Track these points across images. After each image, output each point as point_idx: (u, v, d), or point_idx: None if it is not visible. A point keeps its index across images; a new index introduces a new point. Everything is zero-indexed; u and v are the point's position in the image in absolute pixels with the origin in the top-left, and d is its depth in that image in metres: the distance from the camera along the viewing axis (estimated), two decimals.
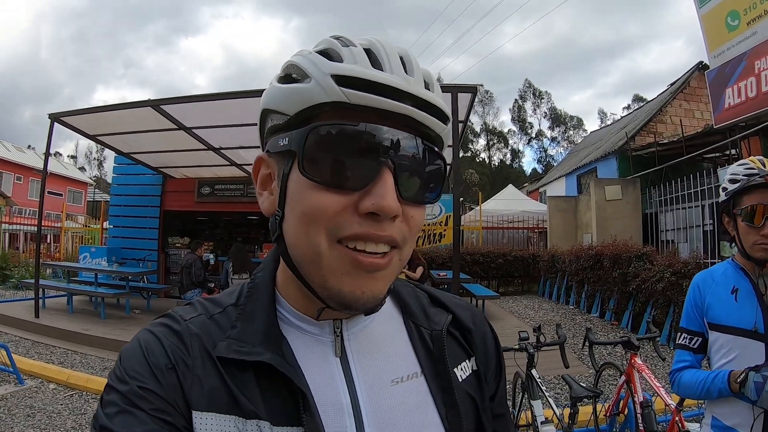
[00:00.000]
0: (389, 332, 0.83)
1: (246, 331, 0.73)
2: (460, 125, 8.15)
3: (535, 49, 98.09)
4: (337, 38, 0.69)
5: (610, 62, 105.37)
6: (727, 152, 12.09)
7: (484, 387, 0.86)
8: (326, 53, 0.67)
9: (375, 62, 0.66)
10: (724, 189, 1.97)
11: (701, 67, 16.59)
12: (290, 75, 0.69)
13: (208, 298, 0.81)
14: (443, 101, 0.70)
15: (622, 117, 29.46)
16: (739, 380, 1.72)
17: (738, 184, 1.88)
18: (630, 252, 9.60)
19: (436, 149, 0.71)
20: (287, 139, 0.67)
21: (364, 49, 0.67)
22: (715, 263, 9.01)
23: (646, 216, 13.52)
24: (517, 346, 3.62)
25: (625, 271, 9.41)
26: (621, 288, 9.57)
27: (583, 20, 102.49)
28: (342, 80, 0.63)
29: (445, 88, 7.00)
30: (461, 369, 0.83)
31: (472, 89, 7.56)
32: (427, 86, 0.69)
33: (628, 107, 45.92)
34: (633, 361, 3.68)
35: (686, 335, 2.05)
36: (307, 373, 0.72)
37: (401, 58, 0.68)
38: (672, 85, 19.12)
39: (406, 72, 0.67)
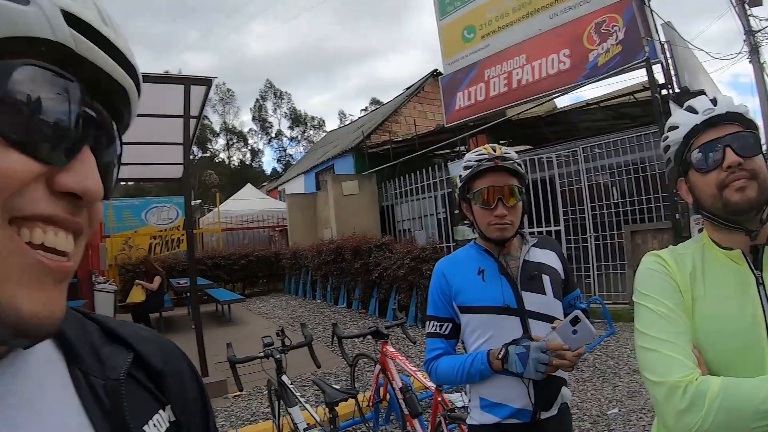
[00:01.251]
0: (47, 388, 0.54)
1: None
2: (193, 121, 7.58)
3: (279, 51, 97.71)
4: None
5: (351, 67, 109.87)
6: (457, 149, 13.22)
7: None
8: None
9: (102, 15, 0.52)
10: (460, 176, 2.00)
11: (435, 74, 18.02)
12: None
13: None
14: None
15: (359, 117, 30.70)
16: (500, 357, 1.74)
17: (470, 170, 1.92)
18: (369, 243, 9.95)
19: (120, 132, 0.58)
20: None
21: None
22: (450, 246, 9.80)
23: (383, 208, 14.25)
24: (261, 354, 3.36)
25: (366, 261, 9.71)
26: (364, 278, 9.88)
27: (328, 26, 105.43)
28: (74, 22, 0.48)
29: (178, 80, 6.56)
30: (155, 424, 0.61)
31: (207, 82, 7.02)
32: None
33: (366, 110, 47.99)
34: (384, 349, 3.70)
35: (436, 323, 2.00)
36: None
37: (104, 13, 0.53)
38: (408, 89, 20.60)
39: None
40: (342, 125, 37.27)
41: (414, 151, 13.45)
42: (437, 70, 17.57)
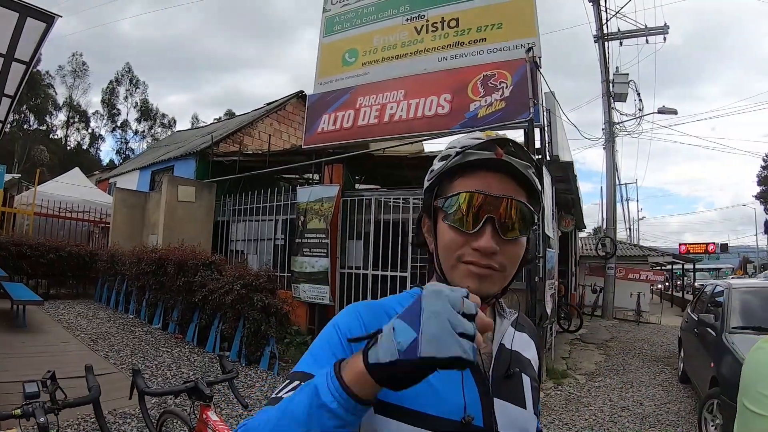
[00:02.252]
0: None
1: None
2: (19, 66, 5.97)
3: (149, 37, 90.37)
4: None
5: (216, 74, 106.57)
6: (307, 175, 12.45)
7: None
8: None
9: None
10: (431, 171, 1.12)
11: (300, 95, 17.68)
12: None
13: None
14: None
15: (211, 123, 29.05)
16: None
17: (448, 160, 1.04)
18: (197, 259, 8.86)
19: None
20: None
21: None
22: (286, 277, 8.95)
23: (218, 223, 13.03)
24: (18, 411, 2.11)
25: (191, 279, 8.61)
26: (186, 298, 8.77)
27: (205, 25, 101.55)
28: None
29: (11, 4, 5.12)
30: None
31: (49, 18, 5.58)
32: None
33: (219, 119, 45.33)
34: (205, 416, 2.66)
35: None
36: None
37: None
38: (269, 104, 19.58)
39: None
40: (192, 128, 35.04)
41: (263, 168, 12.54)
42: (303, 91, 17.27)
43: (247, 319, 7.63)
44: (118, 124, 55.17)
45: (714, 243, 45.10)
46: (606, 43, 18.94)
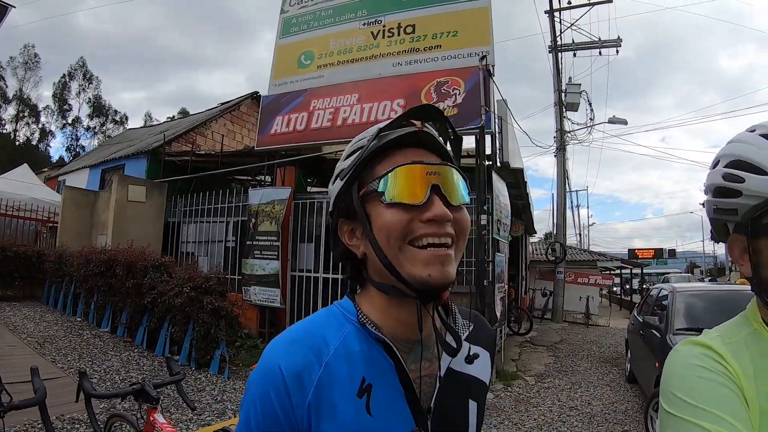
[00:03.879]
0: None
1: None
2: None
3: (105, 32, 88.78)
4: None
5: (172, 71, 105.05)
6: (259, 177, 12.39)
7: None
8: None
9: None
10: (341, 171, 0.96)
11: (255, 96, 17.64)
12: None
13: None
14: None
15: (164, 122, 28.52)
16: None
17: (366, 147, 0.91)
18: (147, 261, 8.68)
19: None
20: None
21: None
22: (236, 280, 8.86)
23: (168, 224, 12.81)
24: None
25: (140, 281, 8.41)
26: (135, 300, 8.57)
27: (162, 23, 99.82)
28: None
29: None
30: None
31: (2, 8, 5.40)
32: None
33: (173, 118, 44.22)
34: (152, 418, 2.63)
35: None
36: None
37: None
38: (223, 104, 19.43)
39: None
40: (145, 126, 34.28)
41: (215, 168, 12.45)
42: (258, 92, 17.30)
43: (196, 322, 7.52)
44: (69, 120, 53.59)
45: (662, 248, 46.61)
46: (560, 53, 19.35)
